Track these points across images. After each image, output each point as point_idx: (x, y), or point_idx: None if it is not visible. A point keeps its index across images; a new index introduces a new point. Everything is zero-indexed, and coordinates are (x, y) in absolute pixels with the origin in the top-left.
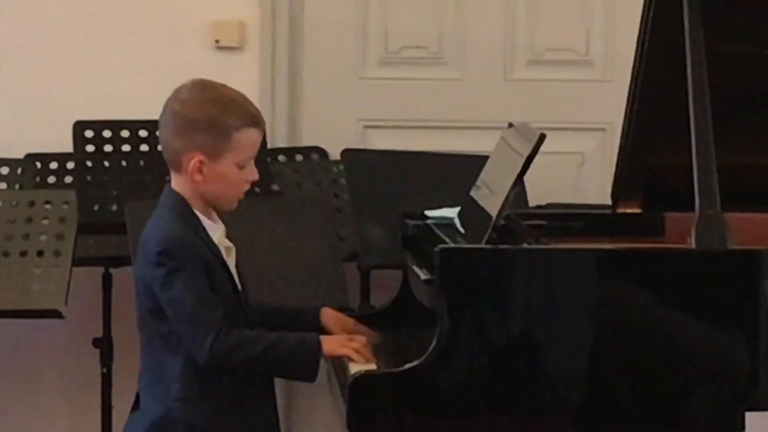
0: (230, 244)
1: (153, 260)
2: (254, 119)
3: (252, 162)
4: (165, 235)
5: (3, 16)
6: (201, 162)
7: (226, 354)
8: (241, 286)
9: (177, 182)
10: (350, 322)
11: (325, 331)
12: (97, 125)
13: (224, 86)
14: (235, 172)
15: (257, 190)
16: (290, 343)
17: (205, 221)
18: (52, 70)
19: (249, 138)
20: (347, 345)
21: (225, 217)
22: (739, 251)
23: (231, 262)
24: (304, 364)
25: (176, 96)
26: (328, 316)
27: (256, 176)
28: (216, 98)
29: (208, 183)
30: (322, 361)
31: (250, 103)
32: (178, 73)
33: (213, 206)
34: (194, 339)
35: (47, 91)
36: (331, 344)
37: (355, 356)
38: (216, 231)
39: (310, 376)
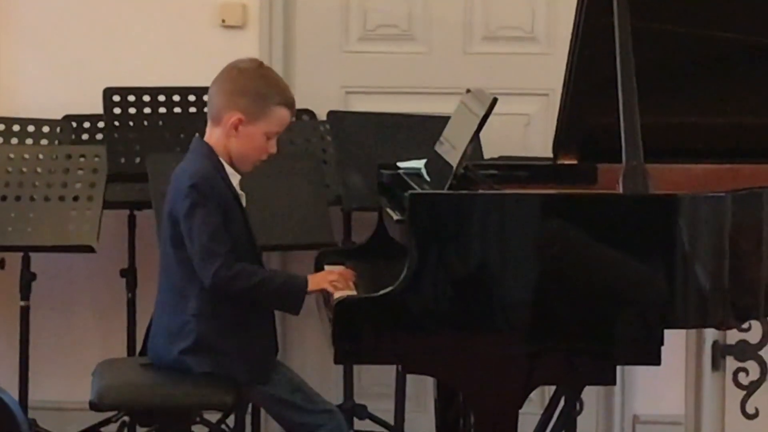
0: (242, 192)
1: (183, 192)
2: (290, 103)
3: (276, 138)
4: (196, 172)
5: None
6: (240, 120)
7: (227, 282)
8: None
9: (211, 134)
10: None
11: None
12: (123, 91)
13: (274, 71)
14: (262, 140)
15: None
16: (281, 280)
17: (227, 168)
18: (86, 44)
19: (282, 115)
20: (327, 278)
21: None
22: (659, 196)
23: (243, 204)
24: (291, 299)
25: (235, 64)
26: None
27: (274, 150)
28: (267, 75)
29: (239, 140)
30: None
31: (291, 92)
32: (191, 47)
33: (233, 163)
34: (202, 266)
35: (81, 62)
36: (315, 279)
37: (332, 290)
38: (235, 178)
39: (296, 309)
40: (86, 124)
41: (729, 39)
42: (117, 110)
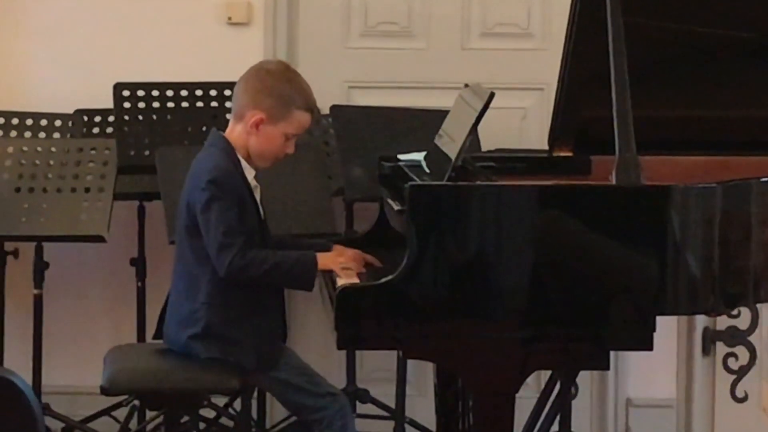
0: (257, 184)
1: (202, 186)
2: (312, 107)
3: (295, 139)
4: (215, 167)
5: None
6: (261, 120)
7: (241, 270)
8: (264, 215)
9: (232, 130)
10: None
11: None
12: (133, 86)
13: (300, 75)
14: (280, 140)
15: None
16: (292, 260)
17: (243, 163)
18: (96, 41)
19: (302, 118)
20: (336, 261)
21: None
22: (651, 186)
23: (257, 197)
24: (304, 276)
25: (263, 65)
26: (339, 250)
27: (292, 150)
28: (293, 79)
29: (258, 139)
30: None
31: (314, 96)
32: (198, 44)
33: (251, 159)
34: (218, 257)
35: (92, 58)
36: (324, 260)
37: (341, 272)
38: (250, 172)
39: (309, 285)
40: (97, 118)
41: (717, 34)
42: (127, 105)
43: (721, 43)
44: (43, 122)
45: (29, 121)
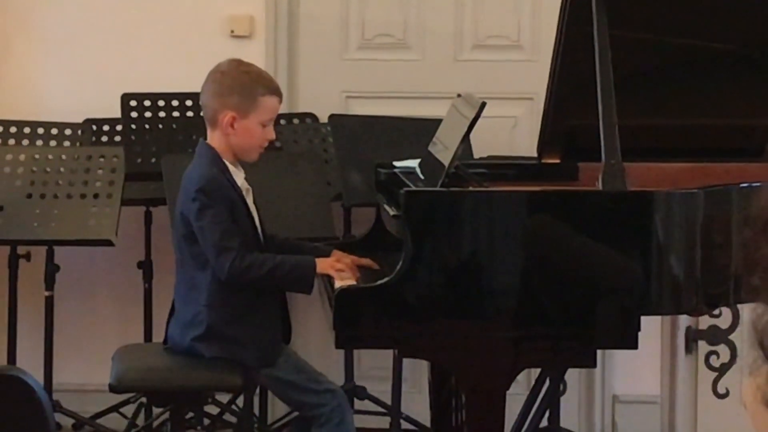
0: (248, 186)
1: (192, 196)
2: (275, 90)
3: (272, 124)
4: (202, 176)
5: (68, 13)
6: (233, 118)
7: (241, 273)
8: (258, 218)
9: (212, 137)
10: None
11: None
12: (140, 97)
13: (254, 64)
14: (259, 130)
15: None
16: (291, 264)
17: (231, 168)
18: (105, 53)
19: (270, 103)
20: (334, 265)
21: (243, 165)
22: (636, 192)
23: (249, 199)
24: (303, 280)
25: (217, 68)
26: (338, 256)
27: (273, 136)
28: (248, 71)
29: (237, 136)
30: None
31: (273, 79)
32: (203, 55)
33: (239, 157)
34: (217, 261)
35: (101, 70)
36: (322, 264)
37: (337, 276)
38: (239, 176)
39: (308, 288)
40: (105, 127)
41: (699, 46)
42: (134, 114)
43: (703, 55)
44: (54, 131)
45: (40, 130)
